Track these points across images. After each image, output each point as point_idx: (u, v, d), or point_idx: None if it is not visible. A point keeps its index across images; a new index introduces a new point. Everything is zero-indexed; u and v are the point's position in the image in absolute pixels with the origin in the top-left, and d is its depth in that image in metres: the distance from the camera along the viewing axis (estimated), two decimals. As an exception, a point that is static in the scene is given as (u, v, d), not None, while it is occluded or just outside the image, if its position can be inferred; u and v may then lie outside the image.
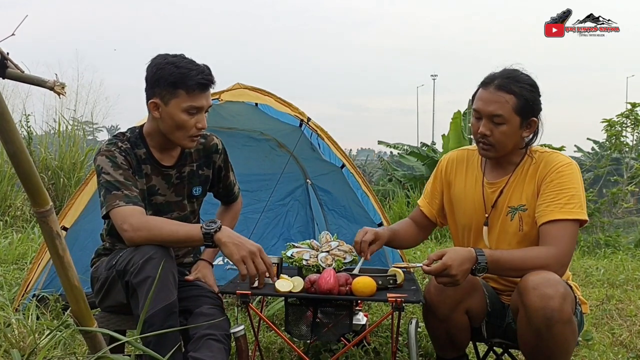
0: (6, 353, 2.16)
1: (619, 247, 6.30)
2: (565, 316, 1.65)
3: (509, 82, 1.84)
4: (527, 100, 1.83)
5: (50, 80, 1.29)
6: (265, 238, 3.87)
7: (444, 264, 1.71)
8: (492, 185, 1.98)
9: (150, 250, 1.73)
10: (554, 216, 1.80)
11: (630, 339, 2.92)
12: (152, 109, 1.88)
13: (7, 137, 1.14)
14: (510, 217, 1.92)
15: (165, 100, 1.84)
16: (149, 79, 1.87)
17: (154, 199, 1.98)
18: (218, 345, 1.75)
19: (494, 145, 1.88)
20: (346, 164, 3.42)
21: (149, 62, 1.89)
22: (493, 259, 1.76)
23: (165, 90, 1.83)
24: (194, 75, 1.82)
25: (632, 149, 7.44)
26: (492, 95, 1.84)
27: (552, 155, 1.91)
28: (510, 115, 1.83)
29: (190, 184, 2.06)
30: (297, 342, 2.55)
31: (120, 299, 1.84)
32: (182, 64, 1.83)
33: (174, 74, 1.81)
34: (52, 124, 8.45)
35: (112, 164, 1.86)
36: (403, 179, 10.11)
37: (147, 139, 1.97)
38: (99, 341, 1.43)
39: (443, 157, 2.20)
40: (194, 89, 1.82)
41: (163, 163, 1.99)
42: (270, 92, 3.18)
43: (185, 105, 1.83)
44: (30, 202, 1.25)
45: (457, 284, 1.73)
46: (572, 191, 1.82)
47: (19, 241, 4.75)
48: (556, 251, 1.76)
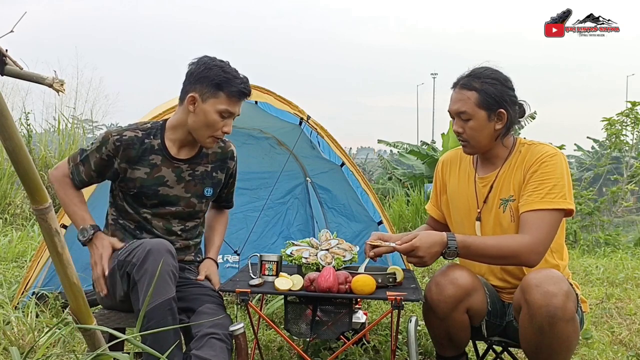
0: (5, 351, 2.16)
1: (618, 246, 6.30)
2: (568, 314, 1.66)
3: (471, 79, 1.93)
4: (488, 94, 1.90)
5: (49, 77, 1.29)
6: (265, 236, 3.87)
7: (411, 245, 1.79)
8: (483, 180, 2.02)
9: (151, 244, 1.76)
10: (533, 206, 1.84)
11: (630, 337, 2.92)
12: (189, 102, 1.96)
13: (6, 134, 1.13)
14: (502, 209, 1.95)
15: (204, 98, 1.93)
16: (193, 74, 1.96)
17: (162, 190, 2.03)
18: (220, 344, 1.77)
19: (468, 141, 1.96)
20: (346, 162, 3.42)
21: (194, 59, 1.99)
22: (464, 244, 1.81)
23: (207, 89, 1.93)
24: (237, 83, 1.94)
25: (632, 147, 7.43)
26: (457, 95, 1.95)
27: (539, 147, 1.95)
28: (473, 110, 1.90)
29: (202, 184, 2.10)
30: (296, 340, 2.55)
31: (119, 292, 1.85)
32: (228, 69, 1.95)
33: (220, 76, 1.92)
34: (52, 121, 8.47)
35: (99, 146, 1.99)
36: (403, 177, 10.11)
37: (168, 132, 2.04)
38: (98, 339, 1.43)
39: (439, 159, 2.27)
40: (234, 95, 1.94)
41: (176, 156, 2.04)
42: (270, 90, 3.18)
43: (221, 107, 1.93)
44: (29, 199, 1.25)
45: (425, 264, 1.82)
46: (554, 181, 1.84)
47: (19, 239, 4.75)
48: (530, 239, 1.79)
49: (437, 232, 1.87)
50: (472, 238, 1.87)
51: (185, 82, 1.98)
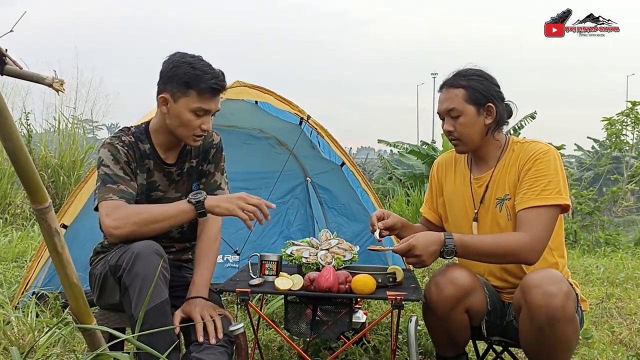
0: (5, 350, 2.16)
1: (618, 246, 6.30)
2: (568, 314, 1.66)
3: (456, 78, 1.97)
4: (475, 89, 1.93)
5: (49, 77, 1.29)
6: (265, 236, 3.87)
7: (408, 244, 1.79)
8: (478, 180, 2.02)
9: (138, 248, 1.70)
10: (530, 203, 1.84)
11: (630, 337, 2.92)
12: (161, 103, 1.89)
13: (6, 134, 1.13)
14: (499, 209, 1.95)
15: (175, 98, 1.86)
16: (163, 74, 1.89)
17: (154, 195, 1.98)
18: (220, 348, 1.76)
19: (460, 139, 1.96)
20: (346, 162, 3.42)
21: (166, 57, 1.90)
22: (462, 243, 1.81)
23: (177, 88, 1.85)
24: (208, 79, 1.83)
25: (632, 147, 7.43)
26: (444, 94, 1.98)
27: (532, 144, 1.95)
28: (462, 106, 1.92)
29: (190, 180, 2.06)
30: (296, 340, 2.54)
31: (113, 297, 1.82)
32: (198, 65, 1.84)
33: (189, 74, 1.83)
34: (52, 122, 8.46)
35: (112, 158, 1.87)
36: (403, 177, 10.11)
37: (152, 136, 1.98)
38: (98, 339, 1.42)
39: (434, 162, 2.27)
40: (205, 92, 1.84)
41: (166, 160, 1.99)
42: (270, 90, 3.18)
43: (194, 106, 1.85)
44: (29, 199, 1.25)
45: (424, 264, 1.81)
46: (549, 177, 1.84)
47: (19, 239, 4.75)
48: (529, 237, 1.79)
49: (434, 232, 1.88)
50: (470, 237, 1.87)
51: (158, 83, 1.91)
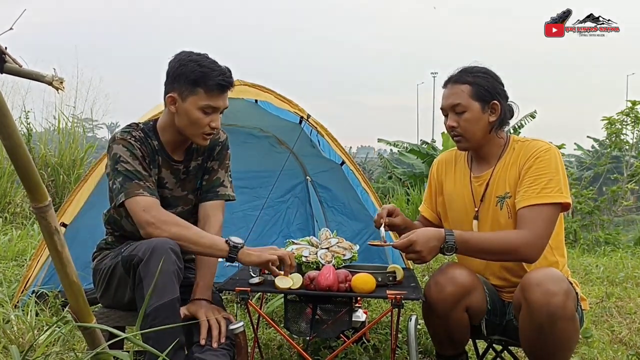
0: (5, 349, 2.16)
1: (618, 245, 6.31)
2: (568, 313, 1.66)
3: (462, 74, 1.96)
4: (481, 86, 1.93)
5: (48, 75, 1.28)
6: (265, 235, 3.86)
7: (409, 240, 1.79)
8: (479, 178, 2.02)
9: (156, 242, 1.72)
10: (530, 201, 1.84)
11: (630, 336, 2.92)
12: (169, 102, 1.89)
13: (6, 133, 1.13)
14: (499, 207, 1.95)
15: (183, 96, 1.86)
16: (170, 73, 1.89)
17: (161, 192, 1.98)
18: (222, 350, 1.77)
19: (463, 135, 1.96)
20: (346, 161, 3.42)
21: (172, 56, 1.90)
22: (462, 239, 1.81)
23: (185, 87, 1.85)
24: (215, 76, 1.83)
25: (632, 146, 7.43)
26: (450, 90, 1.97)
27: (532, 143, 1.95)
28: (468, 102, 1.92)
29: (196, 177, 2.06)
30: (296, 338, 2.54)
31: (120, 291, 1.83)
32: (205, 63, 1.84)
33: (196, 72, 1.82)
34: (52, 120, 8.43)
35: (130, 153, 1.87)
36: (403, 176, 10.12)
37: (160, 133, 1.98)
38: (97, 337, 1.42)
39: (434, 161, 2.26)
40: (213, 89, 1.84)
41: (174, 157, 2.00)
42: (270, 89, 3.17)
43: (202, 103, 1.85)
44: (28, 197, 1.25)
45: (424, 260, 1.81)
46: (549, 175, 1.84)
47: (19, 238, 4.75)
48: (529, 234, 1.79)
49: (434, 228, 1.88)
50: (470, 233, 1.88)
51: (165, 82, 1.91)
